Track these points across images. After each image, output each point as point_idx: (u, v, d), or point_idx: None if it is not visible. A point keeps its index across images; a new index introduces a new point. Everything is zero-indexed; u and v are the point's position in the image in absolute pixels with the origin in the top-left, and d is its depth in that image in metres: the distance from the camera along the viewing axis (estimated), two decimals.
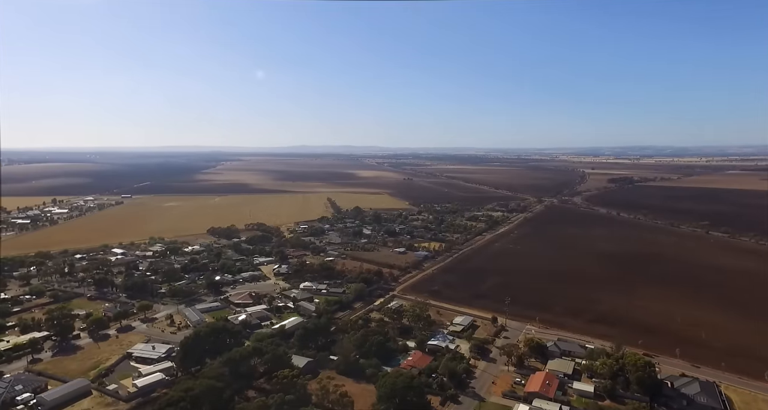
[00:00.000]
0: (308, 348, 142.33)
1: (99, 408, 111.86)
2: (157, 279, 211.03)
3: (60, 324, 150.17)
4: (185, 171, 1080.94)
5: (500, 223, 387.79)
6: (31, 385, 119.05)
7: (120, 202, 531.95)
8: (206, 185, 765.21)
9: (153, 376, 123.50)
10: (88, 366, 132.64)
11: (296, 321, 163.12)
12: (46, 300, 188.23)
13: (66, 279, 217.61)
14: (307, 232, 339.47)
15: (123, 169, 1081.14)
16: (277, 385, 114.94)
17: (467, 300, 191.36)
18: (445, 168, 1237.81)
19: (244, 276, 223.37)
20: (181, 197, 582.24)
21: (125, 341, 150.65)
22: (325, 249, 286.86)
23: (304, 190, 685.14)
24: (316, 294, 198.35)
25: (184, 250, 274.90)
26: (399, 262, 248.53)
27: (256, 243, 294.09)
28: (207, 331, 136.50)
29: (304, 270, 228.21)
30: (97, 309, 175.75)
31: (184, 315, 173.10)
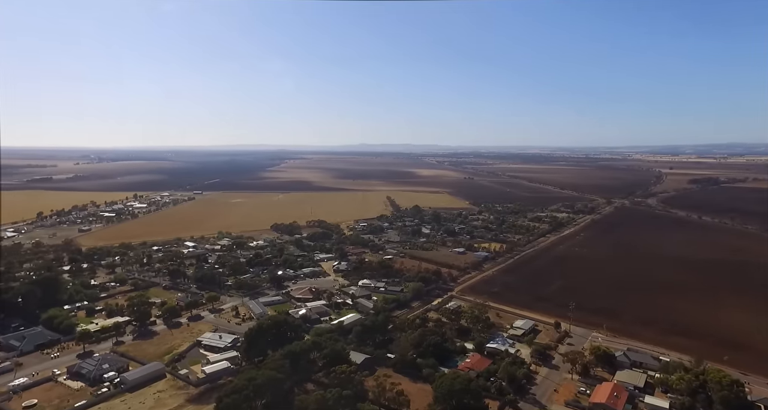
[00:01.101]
0: (365, 344, 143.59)
1: (172, 390, 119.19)
2: (224, 272, 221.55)
3: (139, 310, 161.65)
4: (251, 169, 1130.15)
5: (565, 225, 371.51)
6: (116, 365, 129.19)
7: (192, 197, 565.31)
8: (270, 182, 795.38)
9: (220, 364, 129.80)
10: (163, 350, 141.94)
11: (354, 318, 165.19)
12: (128, 287, 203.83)
13: (144, 269, 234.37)
14: (367, 230, 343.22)
15: (195, 167, 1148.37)
16: (335, 380, 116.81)
17: (528, 304, 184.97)
18: (507, 167, 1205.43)
19: (305, 271, 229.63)
20: (247, 194, 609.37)
21: (195, 329, 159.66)
22: (384, 247, 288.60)
23: (363, 188, 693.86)
24: (374, 291, 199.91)
25: (249, 245, 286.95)
26: (458, 262, 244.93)
27: (316, 239, 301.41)
28: (269, 324, 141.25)
29: (362, 268, 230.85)
30: (170, 298, 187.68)
31: (248, 307, 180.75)
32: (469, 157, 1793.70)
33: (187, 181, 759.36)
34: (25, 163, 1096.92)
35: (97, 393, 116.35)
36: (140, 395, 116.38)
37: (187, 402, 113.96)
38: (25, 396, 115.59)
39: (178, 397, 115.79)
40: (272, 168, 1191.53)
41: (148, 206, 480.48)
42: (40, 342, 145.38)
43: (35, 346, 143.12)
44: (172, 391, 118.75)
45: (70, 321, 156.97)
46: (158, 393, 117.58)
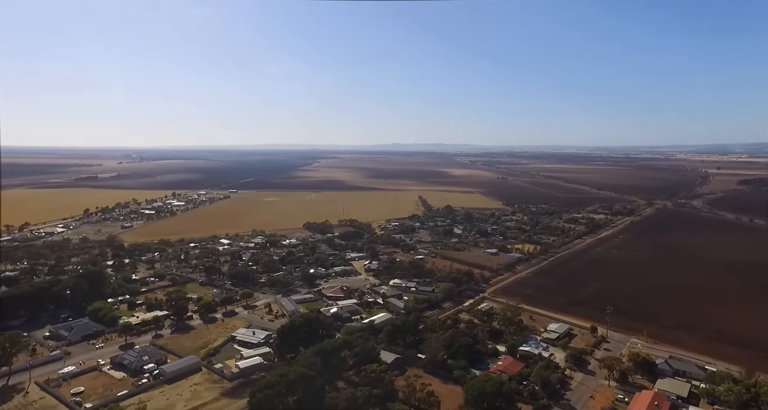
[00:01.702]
0: (396, 344, 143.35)
1: (207, 383, 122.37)
2: (258, 270, 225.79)
3: (177, 305, 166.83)
4: (285, 168, 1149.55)
5: (602, 227, 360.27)
6: (155, 357, 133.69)
7: (227, 196, 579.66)
8: (303, 181, 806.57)
9: (253, 360, 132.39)
10: (199, 345, 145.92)
11: (385, 317, 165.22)
12: (166, 282, 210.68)
13: (182, 265, 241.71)
14: (398, 230, 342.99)
15: (230, 166, 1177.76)
16: (365, 378, 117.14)
17: (563, 307, 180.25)
18: (542, 167, 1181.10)
19: (336, 270, 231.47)
20: (280, 193, 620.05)
21: (229, 325, 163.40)
22: (415, 247, 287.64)
23: (395, 188, 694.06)
24: (405, 291, 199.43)
25: (282, 243, 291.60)
26: (490, 263, 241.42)
27: (348, 238, 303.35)
28: (301, 321, 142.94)
29: (394, 268, 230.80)
30: (206, 293, 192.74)
31: (281, 304, 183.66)
32: (503, 157, 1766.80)
33: (222, 179, 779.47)
34: (72, 162, 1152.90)
35: (138, 384, 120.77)
36: (177, 387, 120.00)
37: (222, 395, 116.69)
38: (73, 383, 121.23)
39: (213, 390, 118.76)
40: (305, 167, 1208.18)
41: (186, 204, 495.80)
42: (87, 333, 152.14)
43: (82, 337, 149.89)
44: (208, 384, 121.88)
45: (114, 314, 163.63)
46: (194, 385, 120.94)
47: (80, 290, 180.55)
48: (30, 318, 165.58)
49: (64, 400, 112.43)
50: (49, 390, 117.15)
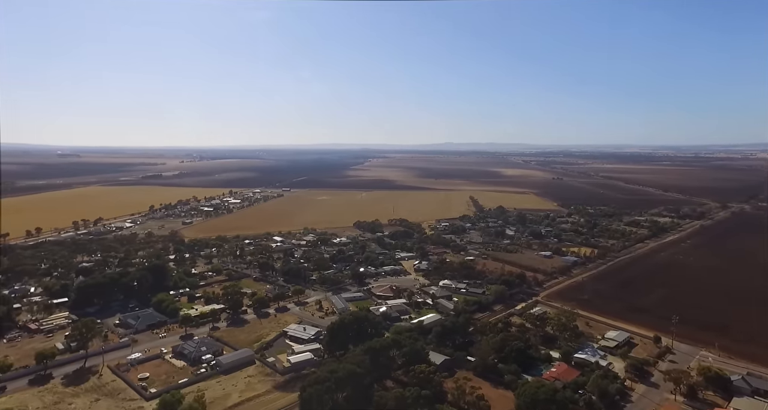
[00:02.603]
0: (445, 346, 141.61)
1: (260, 376, 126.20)
2: (309, 267, 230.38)
3: (232, 299, 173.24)
4: (336, 167, 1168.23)
5: (668, 231, 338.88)
6: (212, 348, 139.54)
7: (281, 194, 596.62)
8: (354, 180, 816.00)
9: (304, 355, 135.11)
10: (253, 338, 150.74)
11: (434, 318, 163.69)
12: (223, 277, 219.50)
13: (237, 260, 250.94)
14: (448, 230, 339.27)
15: (284, 165, 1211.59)
16: (414, 379, 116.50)
17: (622, 314, 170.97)
18: (600, 167, 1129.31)
19: (386, 269, 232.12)
20: (331, 191, 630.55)
21: (282, 320, 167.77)
22: (466, 248, 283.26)
23: (446, 188, 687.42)
24: (454, 292, 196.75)
25: (333, 241, 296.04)
26: (544, 266, 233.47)
27: (398, 238, 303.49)
28: (351, 319, 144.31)
29: (443, 268, 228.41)
30: (260, 289, 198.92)
31: (331, 302, 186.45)
32: (559, 157, 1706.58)
33: (276, 178, 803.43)
34: (140, 161, 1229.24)
35: (197, 373, 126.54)
36: (233, 378, 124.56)
37: (274, 388, 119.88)
38: (139, 369, 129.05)
39: (265, 383, 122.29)
40: (356, 166, 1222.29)
41: (242, 202, 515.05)
42: (151, 322, 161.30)
43: (147, 326, 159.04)
44: (261, 377, 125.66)
45: (175, 306, 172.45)
46: (248, 377, 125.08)
47: (146, 282, 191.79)
48: (102, 306, 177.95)
49: (132, 384, 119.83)
50: (119, 374, 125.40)
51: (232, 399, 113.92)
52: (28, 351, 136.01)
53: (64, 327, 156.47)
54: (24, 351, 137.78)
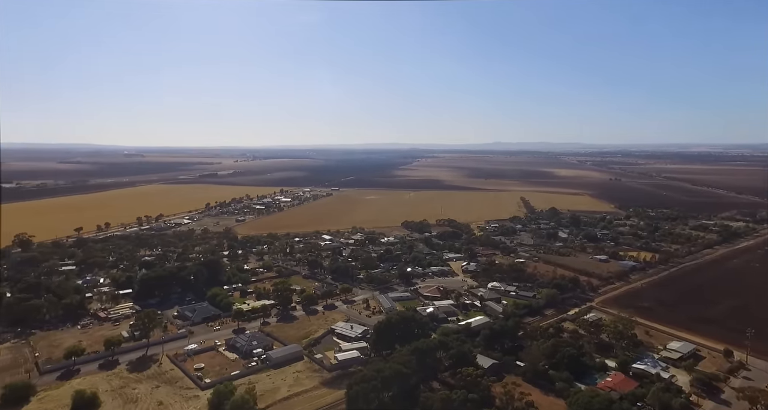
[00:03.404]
0: (493, 349, 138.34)
1: (308, 372, 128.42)
2: (357, 266, 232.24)
3: (282, 296, 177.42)
4: (385, 166, 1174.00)
5: (741, 236, 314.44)
6: (262, 343, 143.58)
7: (330, 193, 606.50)
8: (402, 180, 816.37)
9: (350, 353, 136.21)
10: (301, 334, 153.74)
11: (482, 321, 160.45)
12: (273, 274, 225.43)
13: (287, 258, 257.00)
14: (498, 231, 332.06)
15: (334, 165, 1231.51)
16: (460, 381, 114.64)
17: (687, 324, 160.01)
18: (663, 167, 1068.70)
19: (433, 270, 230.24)
20: (379, 191, 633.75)
21: (329, 318, 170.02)
22: (516, 249, 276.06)
23: (496, 188, 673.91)
24: (504, 295, 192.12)
25: (381, 241, 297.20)
26: (599, 271, 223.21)
27: (446, 238, 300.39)
28: (398, 319, 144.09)
29: (492, 270, 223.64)
30: (309, 286, 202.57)
31: (378, 301, 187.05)
32: (617, 156, 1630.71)
33: (326, 177, 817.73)
34: (197, 161, 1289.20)
35: (248, 366, 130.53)
36: (282, 372, 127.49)
37: (321, 384, 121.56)
38: (195, 359, 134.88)
39: (313, 379, 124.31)
40: (404, 166, 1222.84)
41: (292, 200, 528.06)
42: (206, 315, 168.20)
43: (202, 318, 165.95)
44: (309, 373, 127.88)
45: (228, 300, 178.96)
46: (297, 373, 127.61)
47: (201, 276, 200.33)
48: (162, 298, 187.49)
49: (189, 374, 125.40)
50: (177, 364, 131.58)
51: (281, 393, 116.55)
52: (98, 338, 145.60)
53: (128, 316, 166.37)
54: (94, 338, 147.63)
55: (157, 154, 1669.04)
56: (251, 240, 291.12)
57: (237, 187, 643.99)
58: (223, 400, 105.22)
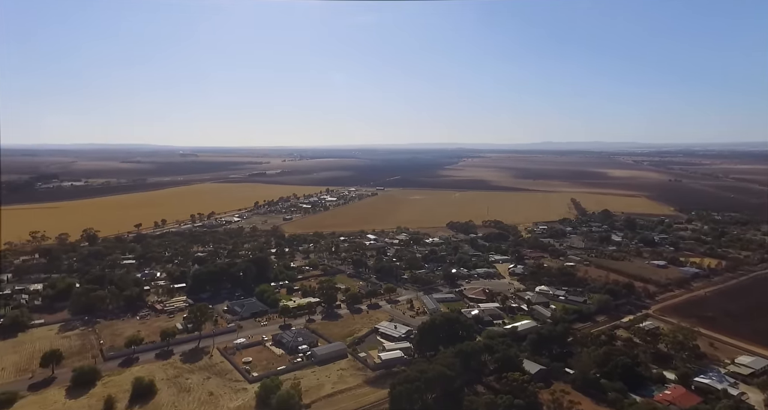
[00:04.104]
0: (541, 355, 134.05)
1: (352, 370, 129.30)
2: (401, 266, 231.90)
3: (327, 294, 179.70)
4: (430, 166, 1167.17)
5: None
6: (308, 339, 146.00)
7: (375, 193, 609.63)
8: (447, 180, 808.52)
9: (394, 353, 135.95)
10: (345, 333, 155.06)
11: (529, 325, 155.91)
12: (319, 272, 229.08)
13: (332, 256, 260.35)
14: (546, 234, 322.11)
15: (379, 164, 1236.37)
16: (506, 386, 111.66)
17: (759, 337, 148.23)
18: (731, 167, 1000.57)
19: (479, 271, 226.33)
20: (424, 191, 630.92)
21: (373, 317, 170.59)
22: (565, 253, 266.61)
23: (544, 189, 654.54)
24: (552, 299, 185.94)
25: (425, 241, 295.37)
26: (656, 277, 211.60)
27: (492, 240, 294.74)
28: (442, 320, 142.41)
29: (540, 273, 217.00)
30: (353, 285, 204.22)
31: (422, 301, 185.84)
32: (677, 156, 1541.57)
33: (371, 177, 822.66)
34: (247, 160, 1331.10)
35: (294, 362, 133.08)
36: (326, 369, 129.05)
37: (365, 383, 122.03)
38: (244, 353, 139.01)
39: (357, 377, 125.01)
40: (450, 166, 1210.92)
41: (338, 200, 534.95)
42: (254, 311, 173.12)
43: (251, 314, 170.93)
44: (352, 371, 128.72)
45: (275, 297, 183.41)
46: (341, 370, 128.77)
47: (250, 273, 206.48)
48: (213, 293, 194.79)
49: (238, 367, 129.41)
50: (227, 356, 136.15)
51: (325, 390, 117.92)
52: (155, 329, 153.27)
53: (182, 309, 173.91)
54: (152, 329, 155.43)
55: (210, 154, 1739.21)
56: (298, 238, 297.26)
57: (284, 186, 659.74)
58: (269, 394, 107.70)
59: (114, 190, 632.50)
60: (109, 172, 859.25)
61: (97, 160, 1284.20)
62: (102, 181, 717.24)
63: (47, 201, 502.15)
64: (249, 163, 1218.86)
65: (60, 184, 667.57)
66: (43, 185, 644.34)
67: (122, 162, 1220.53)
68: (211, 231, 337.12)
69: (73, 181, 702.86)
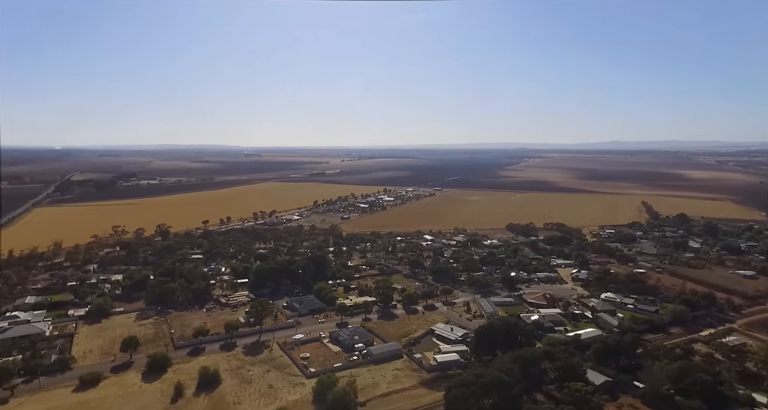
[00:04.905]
0: (606, 365, 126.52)
1: (407, 370, 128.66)
2: (458, 268, 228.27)
3: (383, 293, 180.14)
4: (489, 167, 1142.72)
5: None
6: (364, 338, 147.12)
7: (432, 193, 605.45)
8: (507, 181, 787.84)
9: (450, 355, 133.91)
10: (401, 333, 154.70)
11: (594, 333, 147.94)
12: (375, 271, 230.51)
13: (389, 256, 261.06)
14: (614, 238, 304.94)
15: (437, 165, 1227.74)
16: (568, 396, 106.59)
17: None
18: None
19: (539, 276, 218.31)
20: (483, 192, 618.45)
21: (429, 318, 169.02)
22: (635, 258, 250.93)
23: (612, 191, 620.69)
24: (619, 307, 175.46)
25: (483, 243, 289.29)
26: (743, 288, 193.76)
27: (554, 243, 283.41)
28: (500, 324, 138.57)
29: (607, 279, 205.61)
30: (409, 286, 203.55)
31: (479, 304, 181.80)
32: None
33: (429, 177, 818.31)
34: (307, 160, 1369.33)
35: (350, 359, 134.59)
36: (381, 369, 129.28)
37: (420, 384, 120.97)
38: (302, 349, 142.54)
39: (412, 378, 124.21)
40: (510, 167, 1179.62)
41: (395, 200, 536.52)
42: (312, 308, 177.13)
43: (309, 310, 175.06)
44: (408, 371, 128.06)
45: (332, 295, 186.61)
46: (396, 370, 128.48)
47: (309, 270, 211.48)
48: (274, 289, 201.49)
49: (296, 362, 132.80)
50: (286, 351, 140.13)
51: (381, 389, 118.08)
52: (220, 321, 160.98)
53: (244, 303, 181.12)
54: (217, 321, 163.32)
55: (273, 154, 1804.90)
56: (355, 237, 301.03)
57: (343, 185, 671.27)
58: (326, 390, 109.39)
59: (184, 188, 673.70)
60: (181, 171, 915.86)
61: (170, 159, 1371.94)
62: (174, 180, 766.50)
63: (127, 198, 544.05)
64: (309, 163, 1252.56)
65: (138, 182, 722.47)
66: (124, 183, 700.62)
67: (192, 161, 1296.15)
68: (272, 228, 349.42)
69: (149, 179, 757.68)
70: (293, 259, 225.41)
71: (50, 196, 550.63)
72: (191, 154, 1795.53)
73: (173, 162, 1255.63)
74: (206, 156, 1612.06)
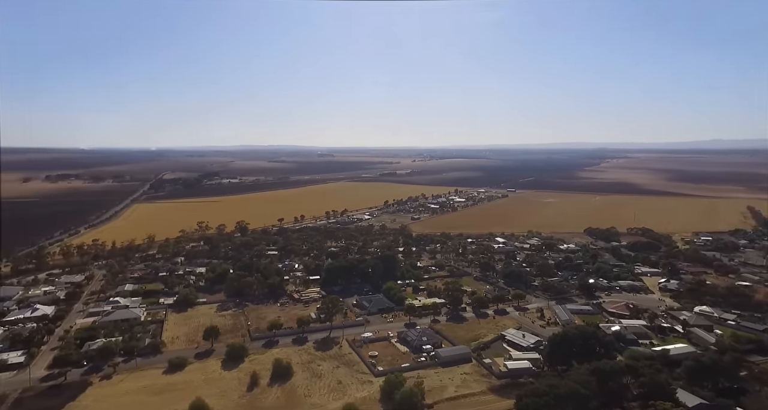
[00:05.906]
0: (700, 386, 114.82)
1: (476, 375, 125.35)
2: (532, 272, 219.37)
3: (453, 296, 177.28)
4: (567, 167, 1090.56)
5: None
6: (432, 339, 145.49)
7: (505, 195, 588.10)
8: (586, 183, 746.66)
9: (521, 362, 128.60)
10: (470, 337, 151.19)
11: (685, 350, 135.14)
12: (445, 273, 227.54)
13: (459, 258, 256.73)
14: (711, 246, 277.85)
15: (511, 165, 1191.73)
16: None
17: None
18: None
19: (621, 284, 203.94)
20: (560, 194, 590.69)
21: (500, 323, 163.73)
22: (738, 269, 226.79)
23: (709, 195, 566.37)
24: (717, 323, 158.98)
25: (559, 247, 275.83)
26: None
27: (638, 250, 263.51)
28: (576, 333, 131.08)
29: (701, 291, 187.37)
30: (479, 289, 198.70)
31: (553, 311, 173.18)
32: None
33: (501, 178, 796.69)
34: (378, 160, 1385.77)
35: (417, 360, 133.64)
36: (449, 372, 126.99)
37: (489, 390, 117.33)
38: (370, 347, 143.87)
39: (480, 383, 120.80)
40: (589, 167, 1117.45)
41: (466, 201, 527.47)
42: (381, 307, 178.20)
43: (378, 309, 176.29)
44: (476, 376, 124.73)
45: (401, 295, 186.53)
46: (464, 374, 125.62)
47: (378, 269, 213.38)
48: (344, 287, 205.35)
49: (364, 359, 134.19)
50: (355, 349, 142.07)
51: (448, 392, 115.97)
52: (292, 316, 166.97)
53: (316, 300, 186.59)
54: (290, 316, 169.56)
55: (345, 154, 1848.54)
56: (425, 238, 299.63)
57: (413, 185, 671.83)
58: (393, 389, 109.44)
59: (262, 186, 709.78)
60: (259, 171, 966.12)
61: (249, 159, 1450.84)
62: (253, 179, 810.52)
63: (211, 195, 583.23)
64: (380, 163, 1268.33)
65: (221, 180, 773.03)
66: (208, 182, 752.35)
67: (269, 161, 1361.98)
68: (343, 227, 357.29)
69: (230, 178, 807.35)
70: (363, 258, 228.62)
71: (146, 193, 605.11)
72: (268, 154, 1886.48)
73: (252, 162, 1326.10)
74: (282, 156, 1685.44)
